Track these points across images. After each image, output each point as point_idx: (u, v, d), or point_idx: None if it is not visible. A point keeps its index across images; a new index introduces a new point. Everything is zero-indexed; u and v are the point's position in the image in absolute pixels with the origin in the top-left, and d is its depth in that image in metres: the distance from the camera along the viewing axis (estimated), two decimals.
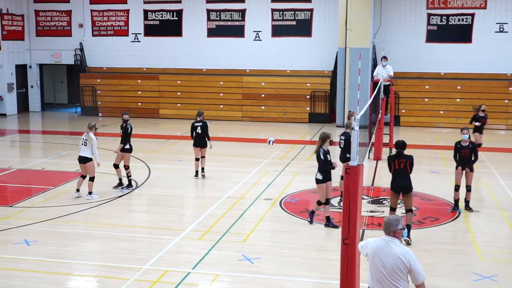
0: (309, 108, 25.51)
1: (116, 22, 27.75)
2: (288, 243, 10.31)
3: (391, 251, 5.75)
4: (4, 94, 27.09)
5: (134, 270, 9.01)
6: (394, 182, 10.27)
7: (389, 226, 5.85)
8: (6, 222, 11.36)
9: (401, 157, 10.21)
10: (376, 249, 5.84)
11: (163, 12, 27.22)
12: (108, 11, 27.69)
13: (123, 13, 27.58)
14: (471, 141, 12.15)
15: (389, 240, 5.82)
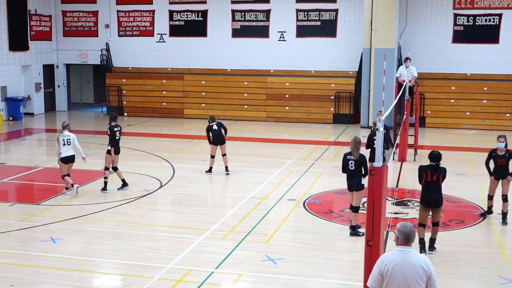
0: (334, 109, 25.42)
1: (142, 22, 27.96)
2: (312, 244, 10.29)
3: (411, 260, 5.54)
4: (32, 94, 27.49)
5: (158, 269, 9.07)
6: (425, 195, 9.64)
7: (410, 235, 5.59)
8: (33, 220, 11.53)
9: (435, 169, 9.58)
10: (396, 262, 5.54)
11: (188, 13, 27.36)
12: (134, 11, 27.92)
13: (148, 13, 27.78)
14: (508, 149, 11.37)
15: (406, 250, 5.58)
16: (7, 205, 12.71)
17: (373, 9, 23.48)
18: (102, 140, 20.58)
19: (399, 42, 24.60)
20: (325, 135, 22.31)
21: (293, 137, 22.08)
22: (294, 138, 21.76)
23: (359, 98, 24.91)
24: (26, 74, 27.36)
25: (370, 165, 6.69)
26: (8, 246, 10.08)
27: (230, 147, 19.82)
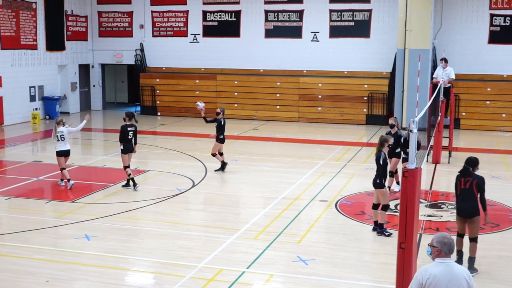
0: (366, 110, 25.26)
1: (176, 23, 28.19)
2: (343, 246, 10.24)
3: (454, 272, 5.30)
4: (68, 93, 27.95)
5: (190, 268, 9.14)
6: (458, 204, 9.24)
7: (452, 246, 5.39)
8: (68, 217, 11.72)
9: (467, 175, 9.09)
10: (439, 275, 5.30)
11: (221, 13, 27.49)
12: (168, 12, 28.17)
13: (182, 14, 28.00)
14: None
15: (448, 262, 5.36)
16: (43, 202, 12.95)
17: (408, 9, 23.25)
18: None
19: (433, 42, 24.31)
20: (357, 136, 22.18)
21: (325, 138, 22.00)
22: (327, 139, 21.69)
23: (393, 99, 24.69)
24: (62, 73, 27.85)
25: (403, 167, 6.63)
26: (44, 242, 10.28)
27: (262, 147, 19.90)
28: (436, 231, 11.04)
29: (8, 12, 23.97)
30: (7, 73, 23.99)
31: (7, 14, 23.88)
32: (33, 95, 25.74)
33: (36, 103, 25.90)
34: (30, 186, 14.32)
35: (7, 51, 24.06)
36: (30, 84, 25.57)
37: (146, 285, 8.68)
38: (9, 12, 23.99)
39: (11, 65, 24.35)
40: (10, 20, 24.08)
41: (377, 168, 10.75)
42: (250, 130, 23.48)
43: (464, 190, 9.07)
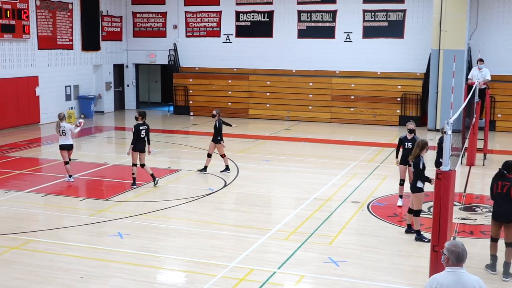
0: (400, 111, 25.02)
1: (209, 23, 28.35)
2: (375, 248, 10.18)
3: (464, 282, 5.20)
4: (103, 93, 28.35)
5: (221, 267, 9.19)
6: (495, 208, 9.02)
7: (462, 255, 5.23)
8: (102, 215, 11.90)
9: (505, 179, 8.87)
10: (447, 284, 5.20)
11: (254, 13, 27.54)
12: (201, 12, 28.34)
13: (215, 14, 28.14)
14: None
15: (458, 271, 5.23)
16: (77, 200, 13.17)
17: (443, 9, 22.97)
18: (168, 138, 21.06)
19: (469, 43, 23.95)
20: (390, 138, 21.99)
21: (358, 139, 21.87)
22: (359, 140, 21.56)
23: (427, 100, 24.42)
24: (97, 73, 28.25)
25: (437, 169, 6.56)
26: (78, 239, 10.45)
27: (294, 147, 19.88)
28: (470, 234, 10.91)
29: (45, 12, 24.42)
30: (44, 73, 24.45)
31: (44, 15, 24.33)
32: (68, 94, 26.17)
33: (71, 102, 26.33)
34: (65, 184, 14.56)
35: (44, 51, 24.52)
36: (66, 83, 26.00)
37: (178, 284, 8.76)
38: (46, 12, 24.44)
39: (48, 65, 24.81)
40: (47, 20, 24.53)
41: (416, 172, 10.56)
42: (282, 131, 23.48)
43: (500, 194, 8.90)
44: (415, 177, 10.58)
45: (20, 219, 11.66)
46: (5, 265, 9.18)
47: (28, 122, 23.77)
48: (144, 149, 14.09)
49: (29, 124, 23.81)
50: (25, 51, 23.51)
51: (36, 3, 23.86)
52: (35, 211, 12.30)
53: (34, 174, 15.63)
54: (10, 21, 22.38)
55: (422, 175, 10.47)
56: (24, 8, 23.04)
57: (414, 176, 10.60)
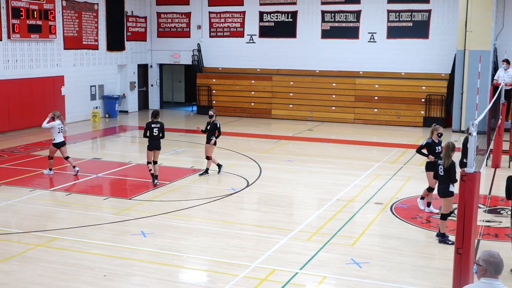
0: (424, 112, 24.82)
1: (233, 23, 28.41)
2: (398, 249, 10.11)
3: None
4: (127, 92, 28.59)
5: (243, 267, 9.20)
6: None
7: (500, 266, 4.91)
8: (125, 214, 12.00)
9: None
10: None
11: (278, 14, 27.54)
12: (225, 13, 28.42)
13: (239, 14, 28.20)
14: None
15: (494, 283, 4.91)
16: (101, 199, 13.30)
17: (468, 9, 22.72)
18: (192, 138, 21.14)
19: (495, 44, 23.66)
20: (414, 139, 21.82)
21: (381, 139, 21.75)
22: (383, 141, 21.43)
23: (451, 101, 24.18)
24: (121, 73, 28.49)
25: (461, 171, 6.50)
26: (102, 238, 10.55)
27: (317, 148, 19.83)
28: (495, 237, 10.78)
29: (71, 13, 24.70)
30: (69, 73, 24.73)
31: (70, 15, 24.61)
32: (93, 94, 26.44)
33: (96, 101, 26.60)
34: (90, 182, 14.72)
35: (70, 51, 24.80)
36: (91, 83, 26.27)
37: (200, 283, 8.80)
38: (72, 13, 24.72)
39: (73, 65, 25.09)
40: (73, 21, 24.81)
41: (450, 177, 10.36)
42: (305, 131, 23.44)
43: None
44: (447, 181, 10.41)
45: (45, 217, 11.81)
46: (30, 262, 9.31)
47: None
48: (159, 147, 14.30)
49: None
50: (51, 51, 23.81)
51: (63, 4, 24.15)
52: (59, 209, 12.45)
53: (59, 173, 15.82)
54: (37, 21, 22.69)
55: (455, 179, 10.29)
56: (51, 8, 23.34)
57: (446, 180, 10.42)
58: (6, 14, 21.41)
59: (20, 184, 14.34)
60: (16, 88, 22.03)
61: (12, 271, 8.94)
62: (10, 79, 21.76)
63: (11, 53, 21.93)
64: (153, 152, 14.29)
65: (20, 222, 11.57)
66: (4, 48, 21.59)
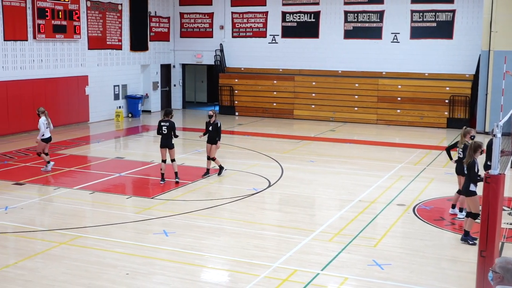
0: (448, 113, 24.60)
1: (255, 24, 28.45)
2: (421, 251, 10.04)
3: None
4: (150, 92, 28.78)
5: (264, 267, 9.21)
6: None
7: (508, 271, 4.60)
8: (148, 213, 12.08)
9: None
10: None
11: (301, 14, 27.51)
12: (248, 13, 28.47)
13: (262, 15, 28.22)
14: None
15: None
16: (124, 198, 13.40)
17: (493, 9, 22.47)
18: None
19: None
20: (438, 140, 21.65)
21: (404, 141, 21.60)
22: (405, 142, 21.29)
23: (476, 103, 23.94)
24: (145, 73, 28.69)
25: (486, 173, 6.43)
26: (125, 236, 10.63)
27: (339, 149, 19.76)
28: None
29: (96, 13, 24.94)
30: (93, 72, 24.98)
31: (94, 16, 24.85)
32: (117, 94, 26.66)
33: (119, 101, 26.82)
34: (113, 181, 14.85)
35: (94, 51, 25.04)
36: (114, 83, 26.50)
37: (222, 282, 8.82)
38: (96, 13, 24.96)
39: (97, 65, 25.33)
40: (97, 21, 25.05)
41: (469, 176, 10.32)
42: (327, 132, 23.38)
43: None
44: (467, 180, 10.36)
45: (69, 215, 11.94)
46: (54, 260, 9.42)
47: (78, 120, 24.33)
48: (170, 145, 14.50)
49: (78, 123, 24.36)
50: (75, 51, 24.07)
51: (87, 4, 24.40)
52: (83, 208, 12.59)
53: (83, 172, 15.99)
54: (61, 21, 22.95)
55: (475, 178, 10.23)
56: (75, 9, 23.59)
57: (467, 179, 10.38)
58: (32, 14, 21.70)
59: (44, 182, 14.53)
60: (41, 87, 22.31)
61: (36, 268, 9.06)
62: (35, 79, 22.05)
63: (37, 53, 22.21)
64: (165, 150, 14.50)
65: (44, 220, 11.72)
66: (30, 48, 21.88)
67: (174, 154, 14.70)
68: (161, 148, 14.58)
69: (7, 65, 21.00)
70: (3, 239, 10.53)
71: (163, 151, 14.54)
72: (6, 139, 20.42)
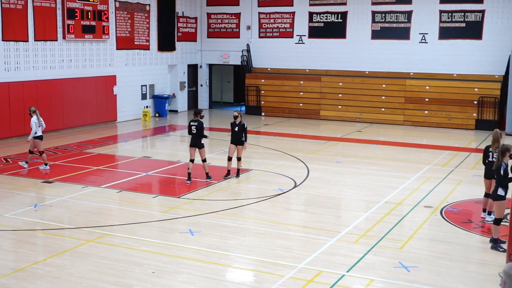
0: (476, 114, 24.30)
1: (282, 24, 28.43)
2: (448, 254, 9.93)
3: None
4: (177, 92, 28.96)
5: (289, 268, 9.20)
6: None
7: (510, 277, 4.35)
8: (174, 212, 12.16)
9: None
10: None
11: (328, 14, 27.41)
12: (275, 13, 28.47)
13: (289, 15, 28.20)
14: None
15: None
16: (151, 197, 13.51)
17: None
18: None
19: None
20: (466, 142, 21.39)
21: (431, 142, 21.40)
22: (433, 143, 21.09)
23: (505, 104, 23.59)
24: (172, 73, 28.88)
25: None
26: (151, 235, 10.72)
27: (366, 150, 19.65)
28: None
29: (124, 14, 25.18)
30: (121, 72, 25.23)
31: (122, 16, 25.09)
32: (144, 94, 26.88)
33: (147, 101, 27.04)
34: (139, 180, 14.97)
35: (122, 51, 25.29)
36: (142, 83, 26.72)
37: (247, 282, 8.83)
38: (124, 14, 25.20)
39: (125, 65, 25.57)
40: (125, 21, 25.29)
41: (498, 179, 10.19)
42: (353, 133, 23.26)
43: None
44: (496, 184, 10.22)
45: (96, 213, 12.08)
46: (82, 257, 9.54)
47: (106, 120, 24.59)
48: (199, 144, 14.55)
49: (106, 122, 24.62)
50: (104, 51, 24.33)
51: (116, 5, 24.64)
52: (110, 206, 12.72)
53: (110, 170, 16.15)
54: (90, 22, 23.22)
55: (503, 182, 10.10)
56: (104, 9, 23.84)
57: (496, 183, 10.25)
58: (61, 15, 22.00)
59: (72, 180, 14.72)
60: (70, 87, 22.60)
61: (64, 265, 9.18)
62: (64, 79, 22.35)
63: (66, 53, 22.51)
64: (194, 150, 14.56)
65: (72, 217, 11.87)
66: (59, 48, 22.18)
67: (204, 154, 14.74)
68: (190, 147, 14.64)
69: (37, 64, 21.32)
70: (32, 236, 10.71)
71: (191, 150, 14.61)
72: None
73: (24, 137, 20.67)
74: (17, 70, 20.59)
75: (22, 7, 20.48)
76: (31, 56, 21.08)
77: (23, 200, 12.95)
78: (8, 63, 20.25)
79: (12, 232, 10.86)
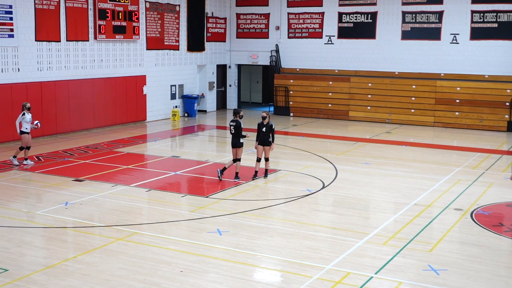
0: (508, 116, 23.91)
1: (311, 24, 28.36)
2: (478, 258, 9.80)
3: None
4: (206, 92, 29.10)
5: (317, 269, 9.18)
6: None
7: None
8: (202, 212, 12.22)
9: None
10: None
11: (357, 14, 27.26)
12: (304, 13, 28.41)
13: (318, 15, 28.11)
14: None
15: None
16: (179, 196, 13.60)
17: None
18: None
19: None
20: (497, 144, 21.07)
21: (462, 144, 21.12)
22: (464, 145, 20.82)
23: None
24: (201, 73, 29.02)
25: None
26: (179, 234, 10.79)
27: (395, 151, 19.49)
28: None
29: (154, 14, 25.39)
30: (151, 72, 25.44)
31: (153, 17, 25.30)
32: (173, 94, 27.07)
33: (176, 101, 27.22)
34: (168, 180, 15.08)
35: (152, 51, 25.50)
36: (171, 83, 26.91)
37: (274, 283, 8.83)
38: (155, 14, 25.41)
39: (155, 65, 25.77)
40: (155, 22, 25.50)
41: None
42: (382, 134, 23.09)
43: None
44: None
45: (125, 212, 12.21)
46: (111, 255, 9.65)
47: (136, 119, 24.82)
48: (238, 144, 14.72)
49: (136, 122, 24.85)
50: (134, 51, 24.56)
51: (146, 6, 24.86)
52: (139, 205, 12.84)
53: (140, 170, 16.30)
54: (121, 22, 23.47)
55: None
56: (135, 10, 24.08)
57: None
58: (93, 15, 22.28)
59: (102, 179, 14.89)
60: (101, 87, 22.88)
61: (94, 263, 9.30)
62: (95, 78, 22.63)
63: (97, 53, 22.78)
64: (235, 150, 14.77)
65: (102, 216, 12.01)
66: (91, 48, 22.46)
67: (241, 154, 14.89)
68: (232, 148, 14.92)
69: (69, 64, 21.62)
70: (63, 234, 10.87)
71: (233, 150, 14.88)
72: (67, 137, 21.04)
73: (56, 136, 21.01)
74: (49, 70, 20.91)
75: (54, 8, 20.80)
76: (63, 56, 21.39)
77: (55, 198, 13.15)
78: (40, 63, 20.58)
79: (44, 230, 11.04)
